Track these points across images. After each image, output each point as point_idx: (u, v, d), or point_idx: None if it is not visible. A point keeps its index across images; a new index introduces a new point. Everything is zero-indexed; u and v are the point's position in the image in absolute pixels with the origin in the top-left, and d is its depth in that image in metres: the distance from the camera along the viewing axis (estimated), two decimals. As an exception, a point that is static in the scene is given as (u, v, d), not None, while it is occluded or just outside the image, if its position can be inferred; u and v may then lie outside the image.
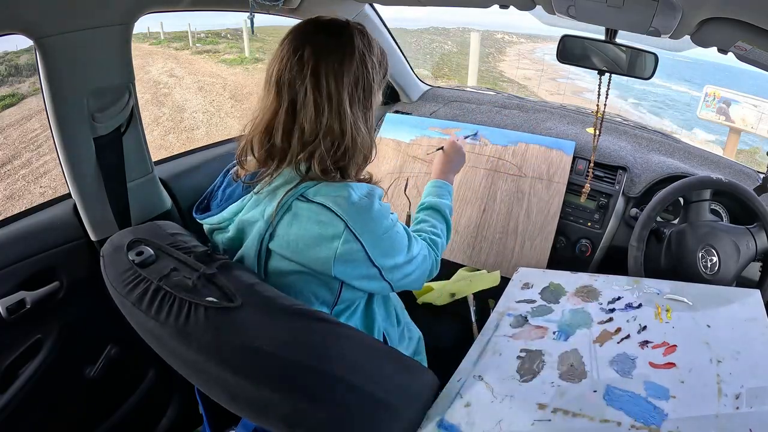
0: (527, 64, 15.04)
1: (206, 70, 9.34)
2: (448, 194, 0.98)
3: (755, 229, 1.03)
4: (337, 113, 0.68)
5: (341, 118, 0.69)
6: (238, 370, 0.57)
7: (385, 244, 0.71)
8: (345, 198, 0.67)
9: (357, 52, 0.70)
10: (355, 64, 0.70)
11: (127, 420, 1.11)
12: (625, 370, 0.66)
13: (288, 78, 0.68)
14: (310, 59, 0.67)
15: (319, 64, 0.67)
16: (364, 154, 0.74)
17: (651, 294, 0.82)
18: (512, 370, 0.71)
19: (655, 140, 1.41)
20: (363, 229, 0.67)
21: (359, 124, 0.71)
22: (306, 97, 0.67)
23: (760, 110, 3.43)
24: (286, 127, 0.69)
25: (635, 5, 0.77)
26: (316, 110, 0.67)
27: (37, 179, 4.47)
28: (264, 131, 0.70)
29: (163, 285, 0.61)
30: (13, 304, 0.88)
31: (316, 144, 0.68)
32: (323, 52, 0.68)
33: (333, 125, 0.68)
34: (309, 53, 0.67)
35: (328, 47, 0.68)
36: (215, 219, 0.75)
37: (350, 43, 0.70)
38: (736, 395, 0.58)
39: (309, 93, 0.67)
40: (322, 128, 0.68)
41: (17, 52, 7.29)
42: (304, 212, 0.67)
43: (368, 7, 1.41)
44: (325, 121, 0.68)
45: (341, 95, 0.68)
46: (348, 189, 0.68)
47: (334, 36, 0.70)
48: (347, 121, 0.69)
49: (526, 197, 1.29)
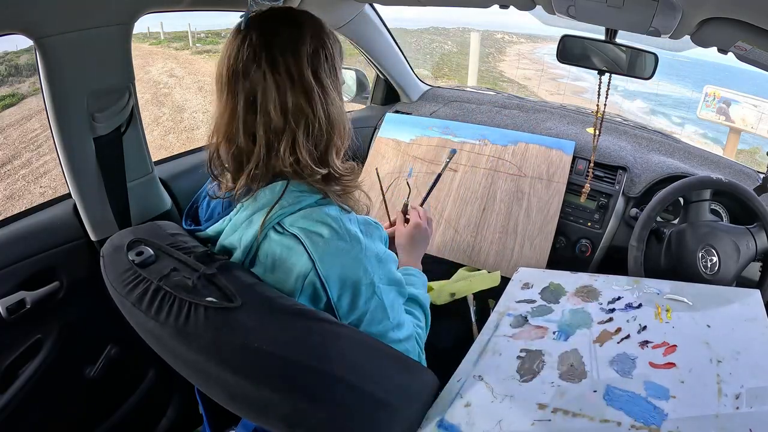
0: (527, 64, 15.05)
1: (206, 70, 9.33)
2: (422, 284, 0.89)
3: (755, 229, 1.03)
4: (302, 89, 0.61)
5: (307, 93, 0.62)
6: (238, 370, 0.56)
7: (356, 302, 0.65)
8: (320, 234, 0.62)
9: (306, 24, 0.65)
10: (308, 34, 0.64)
11: (127, 420, 1.11)
12: (625, 370, 0.66)
13: (241, 69, 0.61)
14: (259, 41, 0.61)
15: (271, 43, 0.61)
16: (344, 129, 0.67)
17: (651, 294, 0.82)
18: (512, 370, 0.71)
19: (655, 140, 1.41)
20: (330, 273, 0.62)
21: (331, 95, 0.64)
22: (265, 82, 0.60)
23: (760, 110, 3.43)
24: (247, 124, 0.62)
25: (635, 5, 0.77)
26: (278, 91, 0.61)
27: (37, 179, 4.48)
28: (225, 136, 0.64)
29: (163, 285, 0.61)
30: (13, 304, 0.88)
31: (288, 132, 0.61)
32: (272, 32, 0.62)
33: (301, 103, 0.61)
34: (257, 37, 0.61)
35: (276, 27, 0.63)
36: (201, 235, 0.73)
37: (298, 18, 0.65)
38: (736, 395, 0.58)
39: (268, 75, 0.60)
40: (290, 110, 0.61)
41: (17, 52, 7.29)
42: (279, 244, 0.63)
43: (368, 7, 1.41)
44: (292, 101, 0.61)
45: (301, 67, 0.61)
46: (330, 220, 0.62)
47: (280, 17, 0.65)
48: (315, 94, 0.62)
49: (526, 197, 1.29)
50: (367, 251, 0.66)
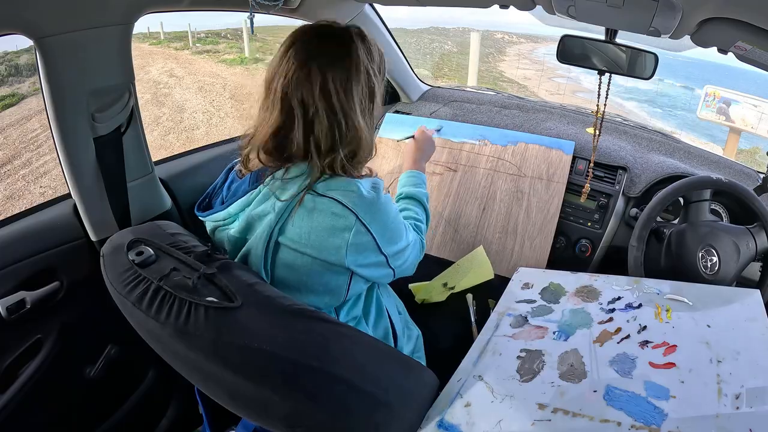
0: (527, 64, 15.04)
1: (206, 70, 9.34)
2: (423, 183, 1.03)
3: (755, 229, 1.03)
4: (353, 126, 0.72)
5: (357, 129, 0.73)
6: (238, 370, 0.57)
7: (391, 233, 0.76)
8: (354, 192, 0.70)
9: (362, 63, 0.73)
10: (361, 76, 0.73)
11: (127, 420, 1.11)
12: (625, 370, 0.66)
13: (297, 95, 0.70)
14: (318, 76, 0.69)
15: (327, 81, 0.70)
16: (368, 152, 0.79)
17: (651, 294, 0.82)
18: (512, 370, 0.71)
19: (655, 140, 1.41)
20: (372, 219, 0.71)
21: (368, 131, 0.76)
22: (319, 115, 0.70)
23: (760, 110, 3.43)
24: (302, 141, 0.71)
25: (635, 5, 0.77)
26: (330, 126, 0.71)
27: (37, 179, 4.47)
28: (274, 141, 0.72)
29: (163, 285, 0.61)
30: (13, 304, 0.88)
31: (335, 153, 0.72)
32: (329, 68, 0.70)
33: (349, 136, 0.72)
34: (315, 70, 0.69)
35: (334, 63, 0.71)
36: (220, 215, 0.76)
37: (354, 55, 0.73)
38: (736, 395, 0.58)
39: (322, 111, 0.70)
40: (340, 140, 0.72)
41: (17, 52, 7.29)
42: (317, 205, 0.69)
43: (368, 7, 1.41)
44: (343, 135, 0.72)
45: (354, 109, 0.72)
46: (356, 184, 0.71)
47: (338, 48, 0.72)
48: (362, 130, 0.73)
49: (526, 197, 1.29)
50: (383, 197, 0.75)
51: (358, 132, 0.73)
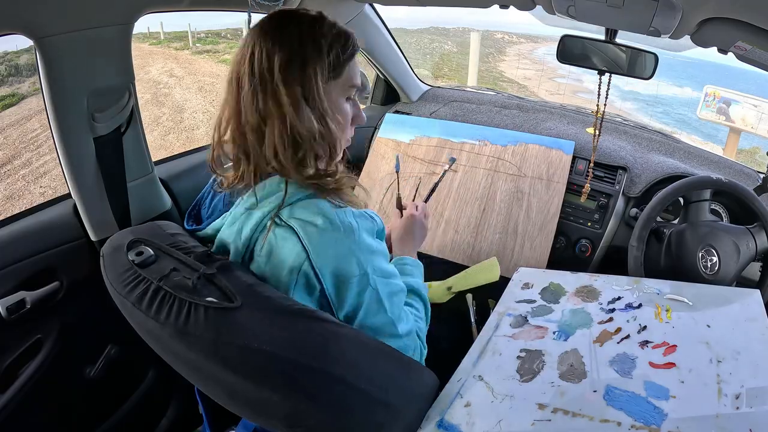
0: (527, 64, 15.04)
1: (206, 70, 9.33)
2: (418, 272, 0.87)
3: (755, 229, 1.03)
4: (272, 92, 0.62)
5: (277, 96, 0.62)
6: (238, 370, 0.56)
7: (350, 293, 0.64)
8: (315, 224, 0.61)
9: (299, 26, 0.64)
10: (294, 36, 0.63)
11: (127, 420, 1.11)
12: (625, 370, 0.66)
13: (234, 73, 0.65)
14: (251, 47, 0.63)
15: (256, 45, 0.63)
16: (322, 144, 0.65)
17: (651, 294, 0.82)
18: (512, 370, 0.71)
19: (655, 140, 1.41)
20: (325, 264, 0.61)
21: (301, 106, 0.63)
22: (245, 83, 0.63)
23: (760, 110, 3.43)
24: (236, 124, 0.65)
25: (635, 5, 0.77)
26: (252, 94, 0.63)
27: (37, 179, 4.47)
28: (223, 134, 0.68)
29: (163, 285, 0.61)
30: (13, 304, 0.88)
31: (267, 134, 0.63)
32: (263, 34, 0.64)
33: (270, 107, 0.62)
34: (253, 45, 0.63)
35: (268, 30, 0.64)
36: (201, 234, 0.74)
37: (295, 22, 0.65)
38: (736, 395, 0.58)
39: (246, 76, 0.63)
40: (261, 112, 0.63)
41: (17, 52, 7.29)
42: (276, 236, 0.63)
43: (368, 7, 1.41)
44: (262, 104, 0.62)
45: (273, 71, 0.62)
46: (326, 214, 0.62)
47: (277, 21, 0.65)
48: (284, 101, 0.62)
49: (526, 197, 1.30)
50: (360, 243, 0.64)
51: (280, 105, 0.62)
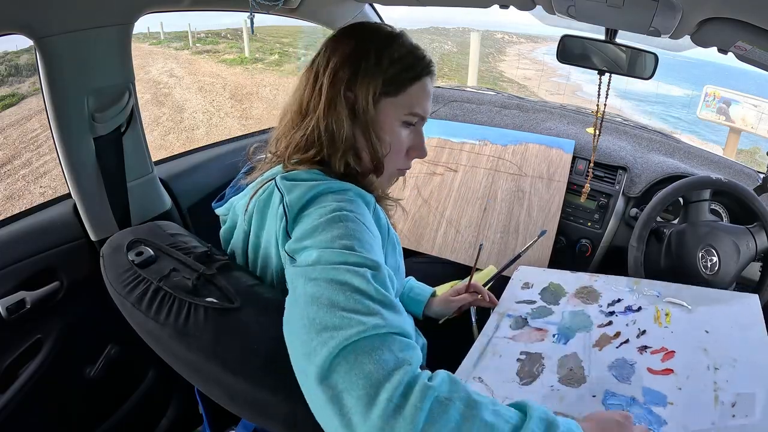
0: (527, 64, 15.04)
1: (206, 70, 9.33)
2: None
3: (755, 229, 1.03)
4: (318, 90, 0.65)
5: (321, 95, 0.64)
6: (237, 371, 0.56)
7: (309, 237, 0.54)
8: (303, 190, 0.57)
9: (366, 37, 0.67)
10: (353, 43, 0.66)
11: (127, 420, 1.10)
12: (624, 376, 0.66)
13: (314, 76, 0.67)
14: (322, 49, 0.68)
15: (324, 48, 0.67)
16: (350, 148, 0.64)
17: (651, 297, 0.82)
18: (512, 373, 0.71)
19: (655, 140, 1.41)
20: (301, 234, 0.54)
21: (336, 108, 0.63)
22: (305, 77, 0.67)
23: (760, 110, 3.43)
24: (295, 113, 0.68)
25: (635, 5, 0.77)
26: (305, 88, 0.67)
27: (37, 179, 4.47)
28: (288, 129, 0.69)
29: (162, 285, 0.61)
30: (13, 304, 0.88)
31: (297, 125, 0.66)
32: (335, 39, 0.68)
33: (313, 103, 0.65)
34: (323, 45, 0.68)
35: (338, 36, 0.68)
36: (222, 209, 0.75)
37: (363, 32, 0.68)
38: (733, 403, 0.58)
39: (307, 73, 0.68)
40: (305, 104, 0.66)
41: (17, 52, 7.29)
42: (265, 197, 0.62)
43: (368, 7, 1.41)
44: (308, 96, 0.65)
45: (326, 70, 0.65)
46: (316, 185, 0.58)
47: (351, 28, 0.69)
48: (323, 97, 0.64)
49: (527, 196, 1.29)
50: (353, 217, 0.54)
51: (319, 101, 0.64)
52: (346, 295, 0.46)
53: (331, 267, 0.48)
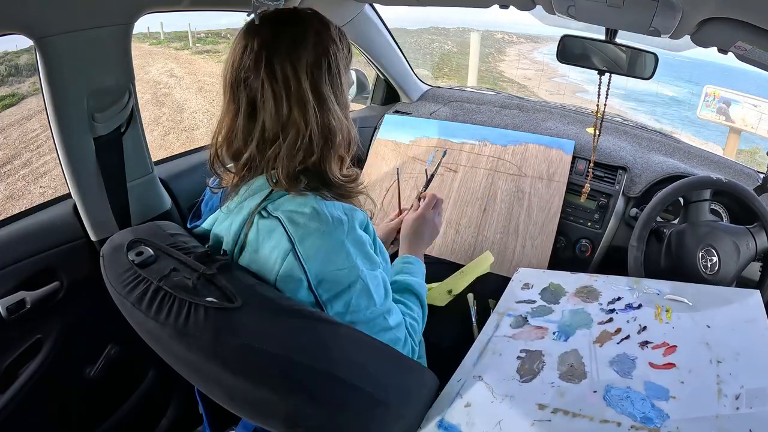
0: (527, 64, 15.04)
1: (206, 70, 9.33)
2: (420, 273, 0.86)
3: (755, 229, 1.03)
4: (298, 99, 0.62)
5: (303, 104, 0.62)
6: (237, 371, 0.56)
7: (336, 286, 0.63)
8: (303, 214, 0.61)
9: (312, 29, 0.64)
10: (311, 42, 0.63)
11: (127, 420, 1.10)
12: (625, 371, 0.66)
13: (243, 76, 0.63)
14: (261, 49, 0.62)
15: (271, 50, 0.62)
16: (344, 140, 0.66)
17: (651, 294, 0.82)
18: (512, 371, 0.71)
19: (655, 140, 1.41)
20: (309, 254, 0.60)
21: (329, 106, 0.64)
22: (263, 90, 0.62)
23: (760, 110, 3.43)
24: (246, 130, 0.64)
25: (635, 5, 0.77)
26: (275, 102, 0.62)
27: (37, 179, 4.48)
28: (226, 139, 0.67)
29: (162, 285, 0.61)
30: (13, 304, 0.88)
31: (277, 144, 0.63)
32: (275, 39, 0.62)
33: (294, 115, 0.62)
34: (259, 43, 0.62)
35: (279, 33, 0.63)
36: (199, 230, 0.75)
37: (303, 23, 0.65)
38: (736, 396, 0.58)
39: (266, 85, 0.62)
40: (283, 120, 0.62)
41: (17, 52, 7.29)
42: (262, 228, 0.63)
43: (368, 7, 1.41)
44: (286, 111, 0.62)
45: (299, 78, 0.62)
46: (316, 203, 0.61)
47: (284, 21, 0.64)
48: (309, 106, 0.62)
49: (527, 197, 1.30)
50: (350, 235, 0.63)
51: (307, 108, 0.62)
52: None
53: None
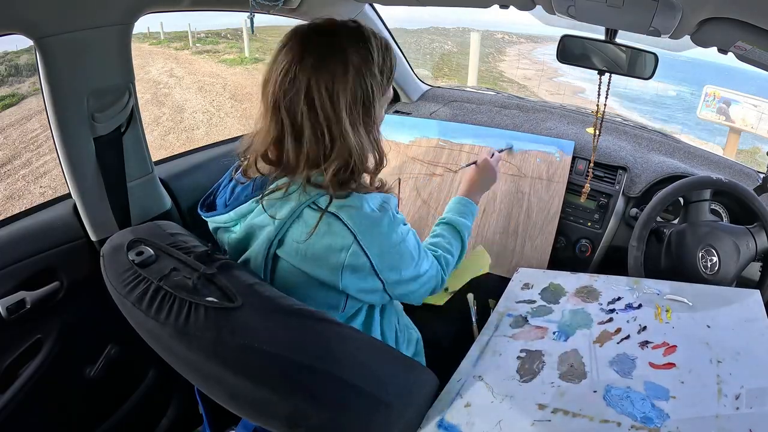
0: (527, 64, 15.03)
1: (206, 70, 9.33)
2: (471, 215, 0.96)
3: (755, 229, 1.03)
4: (340, 134, 0.66)
5: (344, 138, 0.66)
6: (238, 370, 0.57)
7: (393, 258, 0.71)
8: (357, 209, 0.66)
9: (351, 64, 0.66)
10: (350, 78, 0.66)
11: (127, 420, 1.11)
12: (625, 371, 0.66)
13: (284, 103, 0.66)
14: (302, 82, 0.65)
15: (311, 86, 0.64)
16: (375, 163, 0.74)
17: (651, 294, 0.82)
18: (512, 371, 0.71)
19: (655, 140, 1.41)
20: (371, 242, 0.67)
21: (362, 140, 0.69)
22: (303, 122, 0.66)
23: (760, 110, 3.43)
24: (294, 151, 0.68)
25: (635, 5, 0.77)
26: (314, 136, 0.66)
27: (37, 179, 4.47)
28: (272, 149, 0.70)
29: (163, 285, 0.61)
30: (13, 304, 0.88)
31: (326, 164, 0.67)
32: (314, 73, 0.65)
33: (336, 146, 0.66)
34: (301, 75, 0.65)
35: (320, 65, 0.65)
36: (222, 218, 0.75)
37: (342, 54, 0.66)
38: (736, 395, 0.58)
39: (305, 119, 0.65)
40: (326, 151, 0.67)
41: (17, 52, 7.29)
42: (315, 221, 0.65)
43: (368, 7, 1.41)
44: (329, 144, 0.66)
45: (339, 116, 0.66)
46: (361, 200, 0.68)
47: (325, 49, 0.66)
48: (350, 140, 0.67)
49: (526, 197, 1.29)
50: (393, 217, 0.71)
51: (348, 141, 0.66)
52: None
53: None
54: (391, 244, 0.70)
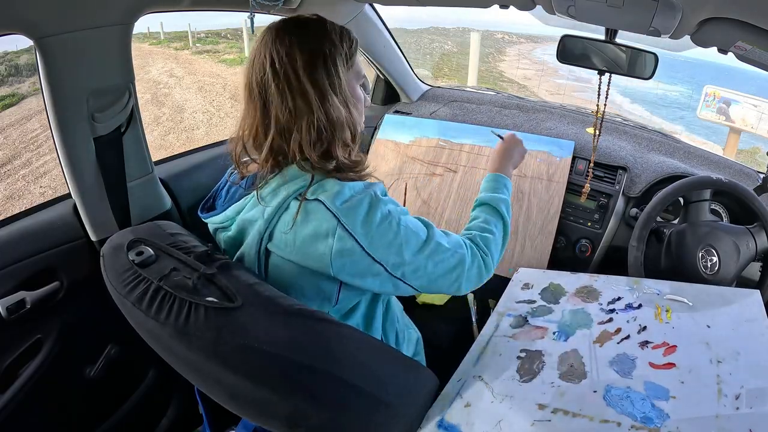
0: (527, 64, 15.04)
1: (206, 70, 9.33)
2: (506, 189, 0.93)
3: (755, 229, 1.03)
4: (299, 91, 0.67)
5: (304, 94, 0.67)
6: (238, 370, 0.57)
7: (385, 237, 0.68)
8: (337, 192, 0.66)
9: (311, 32, 0.70)
10: (309, 43, 0.69)
11: (127, 420, 1.11)
12: (625, 371, 0.66)
13: (255, 80, 0.69)
14: (268, 53, 0.68)
15: (275, 53, 0.68)
16: (347, 129, 0.72)
17: (651, 294, 0.82)
18: (512, 371, 0.71)
19: (655, 140, 1.41)
20: (354, 222, 0.66)
21: (329, 104, 0.69)
22: (271, 87, 0.68)
23: (760, 110, 3.43)
24: (263, 124, 0.70)
25: (635, 5, 0.77)
26: (280, 96, 0.68)
27: (37, 179, 4.48)
28: (251, 137, 0.72)
29: (163, 285, 0.61)
30: (13, 304, 0.88)
31: (294, 134, 0.68)
32: (280, 44, 0.68)
33: (299, 104, 0.68)
34: (267, 49, 0.69)
35: (284, 39, 0.69)
36: (218, 218, 0.76)
37: (305, 27, 0.71)
38: (736, 395, 0.58)
39: (272, 81, 0.67)
40: (291, 111, 0.68)
41: (17, 52, 7.29)
42: (301, 211, 0.66)
43: (368, 7, 1.41)
44: (291, 103, 0.67)
45: (297, 73, 0.67)
46: (342, 185, 0.68)
47: (290, 29, 0.70)
48: (310, 96, 0.68)
49: (526, 197, 1.29)
50: (377, 197, 0.69)
51: (309, 98, 0.68)
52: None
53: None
54: (377, 222, 0.67)
